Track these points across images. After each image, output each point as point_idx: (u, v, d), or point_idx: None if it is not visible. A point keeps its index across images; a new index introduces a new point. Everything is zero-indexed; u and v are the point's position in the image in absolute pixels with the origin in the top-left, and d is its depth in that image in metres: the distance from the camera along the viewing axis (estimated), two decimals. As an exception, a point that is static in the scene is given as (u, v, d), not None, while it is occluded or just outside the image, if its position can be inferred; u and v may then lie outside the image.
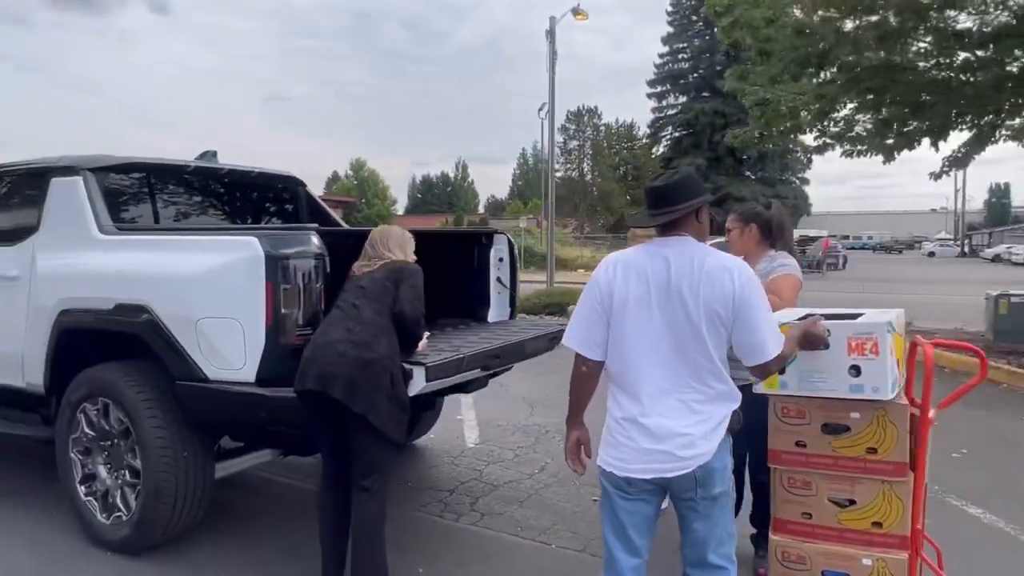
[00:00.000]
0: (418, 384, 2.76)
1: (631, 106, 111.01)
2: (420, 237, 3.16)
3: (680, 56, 55.10)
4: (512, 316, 4.36)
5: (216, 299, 2.91)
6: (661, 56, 55.67)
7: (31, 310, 3.54)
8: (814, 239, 33.98)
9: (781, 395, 2.36)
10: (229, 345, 2.88)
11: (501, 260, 4.28)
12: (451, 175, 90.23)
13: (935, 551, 2.56)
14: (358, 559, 2.63)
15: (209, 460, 3.24)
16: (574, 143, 57.67)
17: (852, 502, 2.27)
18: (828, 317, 2.32)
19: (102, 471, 3.30)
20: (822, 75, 8.06)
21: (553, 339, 3.74)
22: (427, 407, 4.48)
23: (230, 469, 3.43)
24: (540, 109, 38.11)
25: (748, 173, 55.87)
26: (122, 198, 3.88)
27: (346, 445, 2.70)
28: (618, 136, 58.03)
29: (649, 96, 57.59)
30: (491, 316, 4.29)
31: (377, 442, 2.60)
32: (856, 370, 2.20)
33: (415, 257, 2.98)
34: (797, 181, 58.78)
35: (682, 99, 55.34)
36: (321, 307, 2.86)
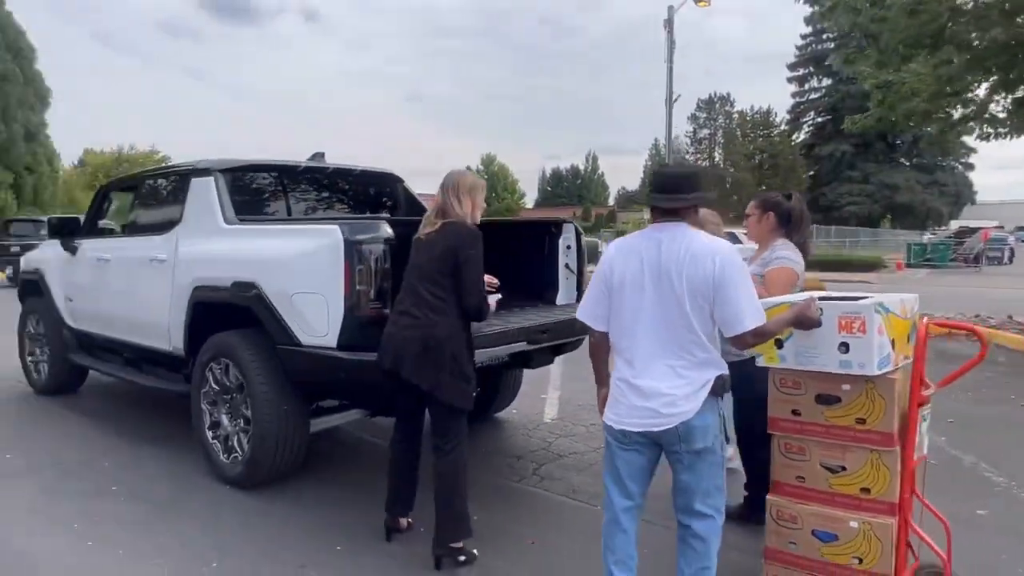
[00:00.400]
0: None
1: (768, 92, 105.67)
2: (498, 226, 3.56)
3: (825, 36, 51.79)
4: (579, 299, 4.67)
5: (306, 277, 3.48)
6: (803, 37, 52.71)
7: (174, 287, 4.32)
8: (973, 231, 31.02)
9: (779, 368, 2.55)
10: (316, 315, 3.43)
11: (569, 248, 4.61)
12: (581, 168, 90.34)
13: (944, 528, 2.64)
14: (439, 507, 3.00)
15: (305, 414, 3.85)
16: (704, 132, 55.94)
17: (843, 468, 2.43)
18: (829, 299, 2.48)
19: (224, 419, 4.00)
20: (938, 56, 7.55)
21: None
22: (498, 379, 4.90)
23: (323, 425, 4.03)
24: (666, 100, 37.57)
25: (903, 160, 51.75)
26: (244, 194, 4.59)
27: (418, 409, 3.14)
28: (753, 123, 55.60)
29: (789, 80, 54.67)
30: (559, 299, 4.63)
31: (446, 410, 2.99)
32: (845, 347, 2.36)
33: (483, 207, 3.09)
34: (960, 167, 53.63)
35: (826, 82, 52.13)
36: (389, 285, 3.34)
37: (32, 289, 6.12)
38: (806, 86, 53.79)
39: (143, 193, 5.16)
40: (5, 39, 30.45)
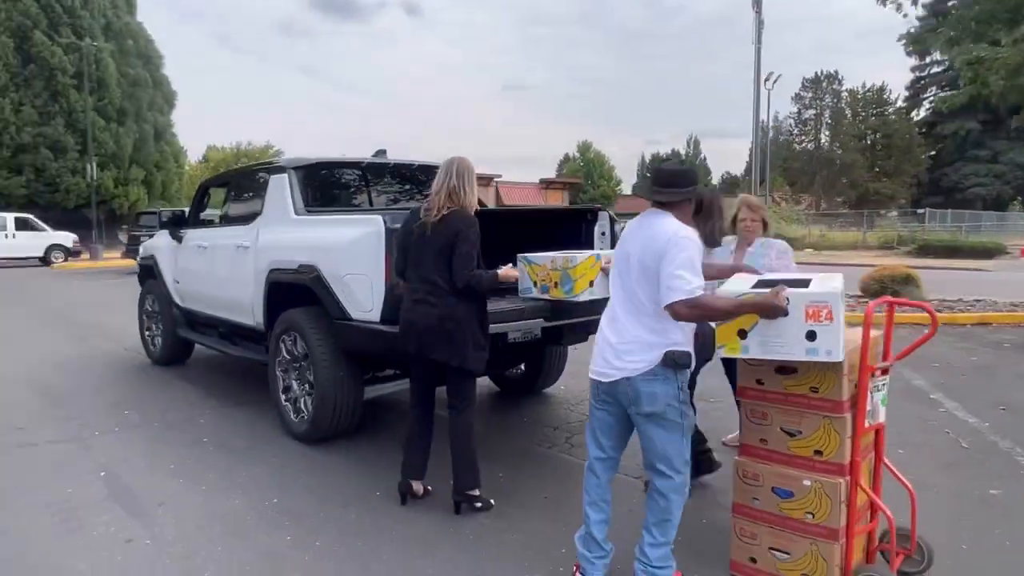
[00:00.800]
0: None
1: (882, 68, 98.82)
2: (538, 213, 3.94)
3: (951, 4, 48.00)
4: (613, 283, 4.98)
5: (355, 260, 4.00)
6: (924, 7, 49.09)
7: (255, 270, 4.99)
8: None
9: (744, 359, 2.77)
10: (363, 294, 3.96)
11: (603, 234, 4.92)
12: (682, 152, 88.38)
13: (909, 493, 2.82)
14: (456, 455, 3.45)
15: (360, 381, 4.40)
16: (810, 112, 53.34)
17: (799, 432, 2.67)
18: (770, 284, 2.64)
19: (294, 384, 4.63)
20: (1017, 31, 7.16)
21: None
22: (540, 357, 5.29)
23: (376, 392, 4.57)
24: (766, 80, 36.25)
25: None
26: (314, 188, 5.20)
27: (436, 378, 3.56)
28: (864, 102, 52.56)
29: (908, 54, 51.12)
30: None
31: (465, 376, 3.43)
32: (812, 335, 2.48)
33: (476, 189, 3.38)
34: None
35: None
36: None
37: (148, 273, 7.08)
38: (927, 59, 50.15)
39: (234, 188, 5.91)
40: (137, 47, 33.46)
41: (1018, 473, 3.98)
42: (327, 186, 5.38)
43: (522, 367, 5.75)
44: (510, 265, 3.66)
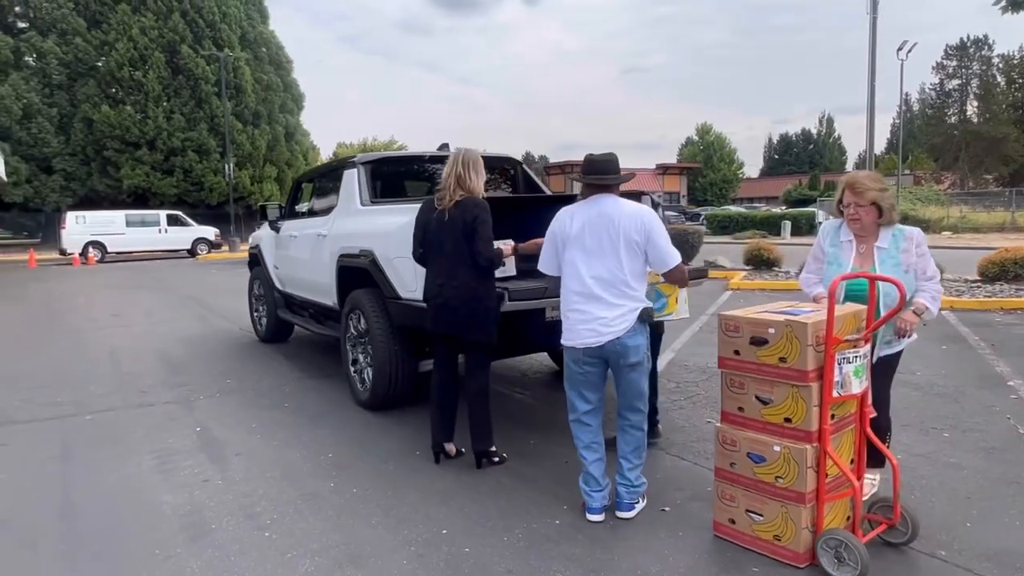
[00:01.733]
0: (505, 305, 3.92)
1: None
2: (559, 200, 4.24)
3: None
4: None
5: (402, 244, 4.42)
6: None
7: (329, 256, 5.58)
8: None
9: (726, 314, 2.96)
10: (409, 275, 4.39)
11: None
12: (813, 131, 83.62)
13: (892, 466, 2.88)
14: (472, 418, 3.85)
15: (413, 355, 4.85)
16: (954, 82, 48.78)
17: (771, 400, 2.81)
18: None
19: (360, 357, 5.17)
20: None
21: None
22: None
23: (430, 365, 5.00)
24: (899, 49, 33.69)
25: None
26: (381, 181, 5.71)
27: (457, 351, 3.94)
28: (1021, 68, 47.41)
29: (1003, 12, 45.62)
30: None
31: (485, 347, 3.81)
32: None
33: (484, 177, 3.77)
34: None
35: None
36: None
37: (255, 261, 7.96)
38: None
39: (318, 183, 6.56)
40: (269, 54, 36.17)
41: (1065, 460, 3.80)
42: (393, 179, 5.89)
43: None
44: (502, 242, 3.94)
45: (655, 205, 5.08)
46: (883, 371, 3.18)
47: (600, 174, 3.14)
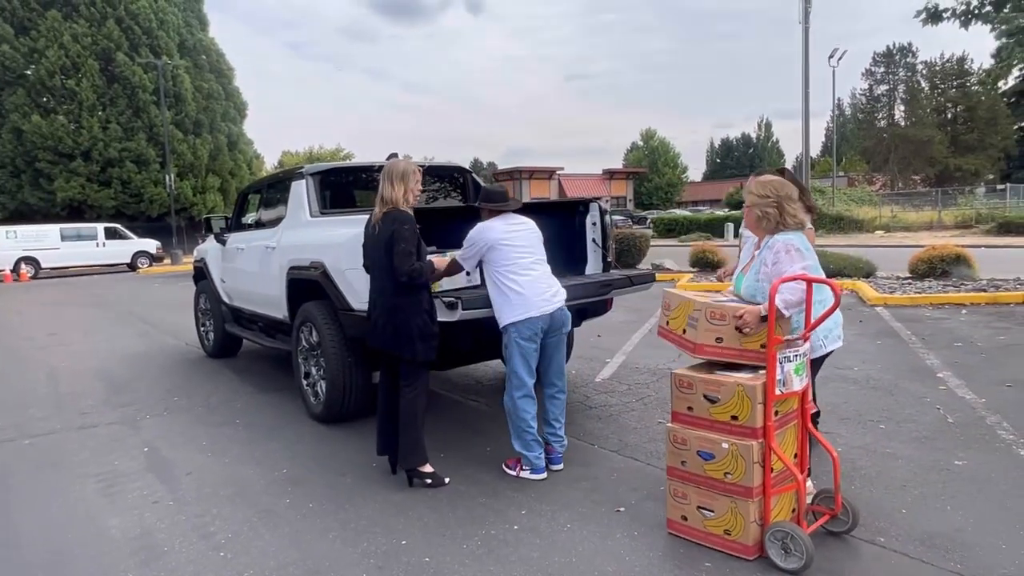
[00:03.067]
0: (457, 313, 3.95)
1: (962, 38, 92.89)
2: (536, 207, 4.35)
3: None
4: (605, 270, 5.25)
5: (352, 255, 4.40)
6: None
7: (279, 268, 5.51)
8: None
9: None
10: (361, 286, 4.37)
11: (594, 224, 5.20)
12: (753, 136, 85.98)
13: (832, 457, 3.02)
14: (402, 433, 3.76)
15: (365, 367, 4.82)
16: (882, 88, 50.97)
17: (718, 399, 2.92)
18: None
19: (312, 370, 5.12)
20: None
21: (605, 286, 4.65)
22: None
23: (383, 375, 5.00)
24: (831, 57, 35.01)
25: None
26: (330, 192, 5.68)
27: (396, 365, 3.83)
28: (943, 74, 49.84)
29: (924, 24, 48.00)
30: (588, 270, 5.24)
31: (414, 364, 3.72)
32: None
33: (417, 190, 3.74)
34: None
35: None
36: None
37: (200, 274, 7.78)
38: (1016, 24, 47.02)
39: (265, 195, 6.47)
40: (209, 62, 35.36)
41: (993, 446, 4.04)
42: (342, 190, 5.86)
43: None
44: (437, 256, 3.95)
45: (603, 212, 5.19)
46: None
47: (508, 200, 3.95)
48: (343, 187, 5.91)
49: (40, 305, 14.59)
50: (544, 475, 3.82)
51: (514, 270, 3.73)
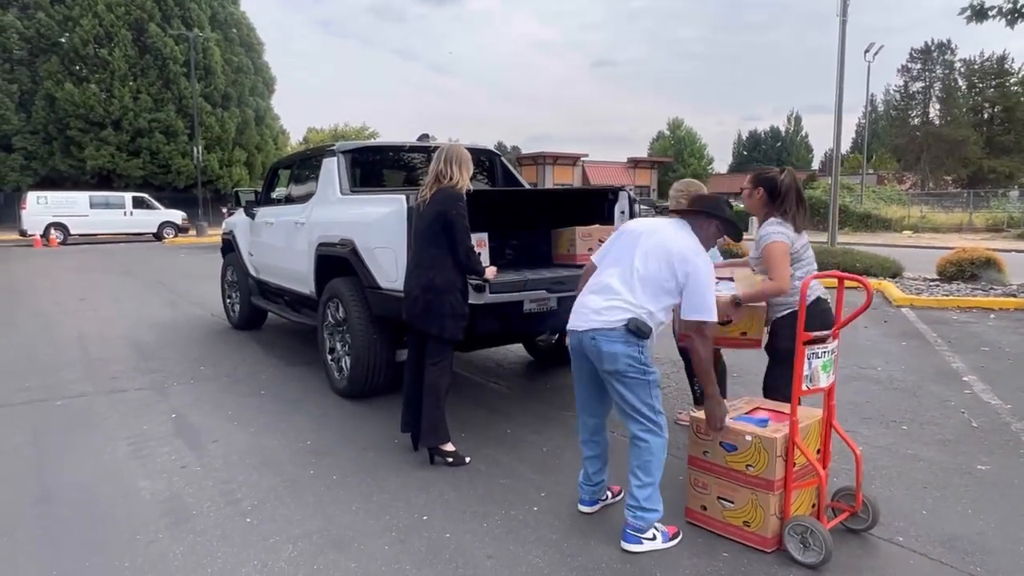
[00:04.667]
0: (485, 297, 3.98)
1: (1004, 35, 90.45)
2: (565, 194, 4.29)
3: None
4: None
5: (382, 234, 4.47)
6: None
7: (308, 244, 5.57)
8: None
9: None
10: (388, 265, 4.43)
11: (623, 213, 5.19)
12: (782, 129, 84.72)
13: (855, 456, 3.02)
14: (425, 410, 3.81)
15: (392, 344, 4.88)
16: (918, 84, 49.90)
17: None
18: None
19: (337, 346, 5.19)
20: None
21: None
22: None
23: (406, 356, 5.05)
24: (866, 51, 34.33)
25: None
26: (361, 170, 5.72)
27: (424, 341, 3.87)
28: (982, 73, 48.68)
29: (968, 21, 46.61)
30: (614, 258, 5.24)
31: (441, 340, 3.76)
32: None
33: (470, 172, 3.77)
34: None
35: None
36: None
37: (228, 247, 7.89)
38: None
39: (296, 170, 6.53)
40: (240, 36, 35.50)
41: (1017, 452, 4.01)
42: (372, 168, 5.90)
43: (555, 338, 6.11)
44: (494, 268, 4.03)
45: (632, 201, 5.18)
46: None
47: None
48: (374, 166, 5.95)
49: (69, 271, 14.87)
50: (587, 509, 3.24)
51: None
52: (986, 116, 48.41)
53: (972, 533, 3.03)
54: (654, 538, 2.91)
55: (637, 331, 2.85)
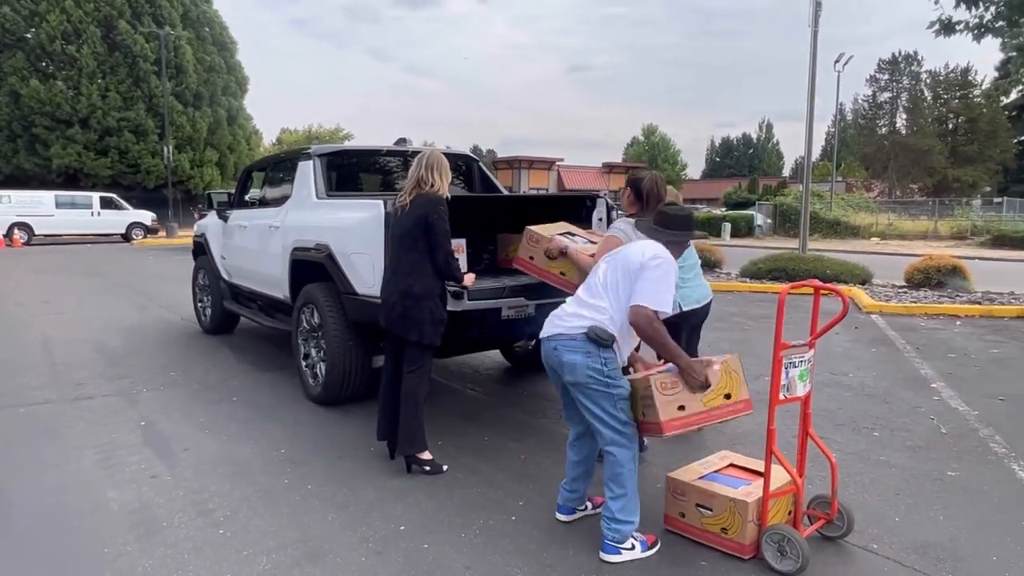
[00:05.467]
0: (464, 304, 3.96)
1: (968, 48, 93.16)
2: (544, 200, 4.27)
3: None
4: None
5: (359, 240, 4.42)
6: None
7: (282, 248, 5.49)
8: None
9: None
10: (365, 270, 4.38)
11: (600, 220, 5.20)
12: (753, 136, 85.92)
13: (830, 463, 3.05)
14: (402, 418, 3.75)
15: (368, 350, 4.83)
16: (886, 95, 50.97)
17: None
18: None
19: (312, 352, 5.12)
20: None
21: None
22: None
23: (382, 362, 4.99)
24: (836, 61, 34.98)
25: None
26: (337, 173, 5.66)
27: (401, 347, 3.83)
28: (947, 84, 49.88)
29: (936, 36, 47.57)
30: (592, 265, 5.24)
31: (419, 347, 3.71)
32: None
33: (449, 179, 3.75)
34: None
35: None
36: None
37: (200, 249, 7.75)
38: (1007, 40, 46.77)
39: (270, 173, 6.44)
40: (212, 34, 35.02)
41: (985, 458, 4.09)
42: (349, 172, 5.84)
43: (531, 344, 6.10)
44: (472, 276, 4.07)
45: (610, 207, 5.19)
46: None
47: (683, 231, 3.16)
48: (350, 170, 5.89)
49: (33, 272, 14.50)
50: (562, 516, 3.24)
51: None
52: (950, 126, 49.59)
53: (944, 540, 3.08)
54: (632, 547, 2.90)
55: (597, 339, 2.84)
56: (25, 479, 3.69)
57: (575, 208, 5.32)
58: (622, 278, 2.92)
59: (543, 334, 3.01)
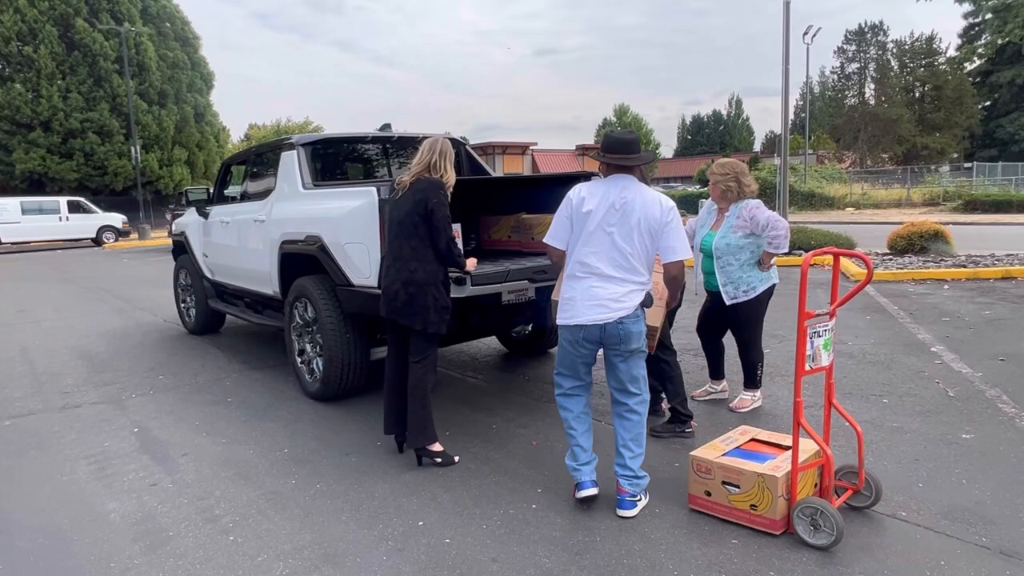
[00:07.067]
0: (467, 290, 3.84)
1: (932, 16, 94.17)
2: (524, 181, 4.14)
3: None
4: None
5: (353, 229, 4.27)
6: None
7: (270, 242, 5.32)
8: None
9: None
10: (361, 261, 4.24)
11: (594, 198, 5.09)
12: (724, 113, 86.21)
13: (856, 433, 3.00)
14: (411, 409, 3.65)
15: (366, 343, 4.69)
16: (854, 65, 51.34)
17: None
18: None
19: (307, 347, 4.97)
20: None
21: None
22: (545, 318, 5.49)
23: (383, 353, 4.84)
24: (805, 33, 35.09)
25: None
26: (322, 163, 5.49)
27: (406, 337, 3.72)
28: (912, 53, 50.36)
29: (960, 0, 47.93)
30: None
31: (425, 336, 3.60)
32: None
33: (453, 158, 3.65)
34: None
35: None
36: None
37: (180, 248, 7.52)
38: (981, 4, 47.00)
39: (251, 166, 6.23)
40: (174, 30, 34.19)
41: (995, 419, 4.08)
42: (334, 161, 5.67)
43: (528, 329, 6.00)
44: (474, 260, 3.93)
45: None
46: (749, 316, 4.26)
47: (622, 154, 3.03)
48: (334, 158, 5.72)
49: (4, 281, 14.08)
50: (589, 491, 3.11)
51: (577, 258, 3.05)
52: (917, 95, 50.12)
53: (971, 503, 3.04)
54: (641, 500, 3.10)
55: (645, 305, 3.04)
56: (17, 495, 3.52)
57: (557, 188, 5.19)
58: (649, 239, 2.99)
59: (605, 319, 2.94)
